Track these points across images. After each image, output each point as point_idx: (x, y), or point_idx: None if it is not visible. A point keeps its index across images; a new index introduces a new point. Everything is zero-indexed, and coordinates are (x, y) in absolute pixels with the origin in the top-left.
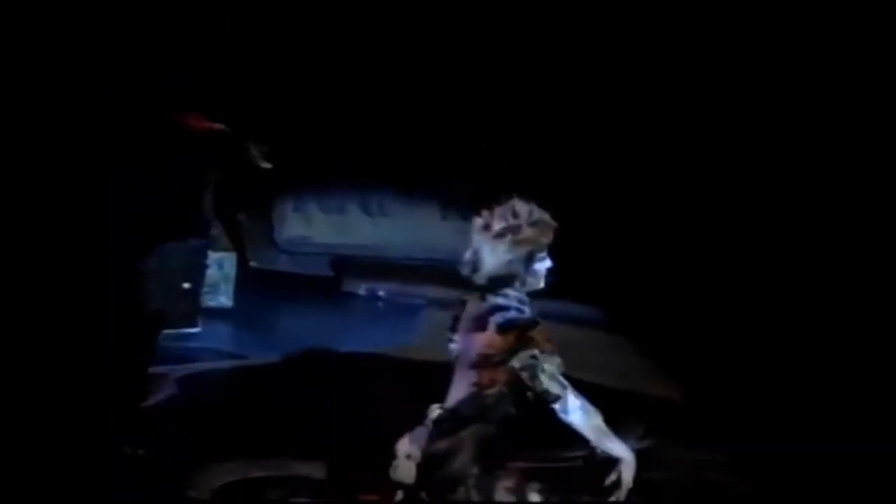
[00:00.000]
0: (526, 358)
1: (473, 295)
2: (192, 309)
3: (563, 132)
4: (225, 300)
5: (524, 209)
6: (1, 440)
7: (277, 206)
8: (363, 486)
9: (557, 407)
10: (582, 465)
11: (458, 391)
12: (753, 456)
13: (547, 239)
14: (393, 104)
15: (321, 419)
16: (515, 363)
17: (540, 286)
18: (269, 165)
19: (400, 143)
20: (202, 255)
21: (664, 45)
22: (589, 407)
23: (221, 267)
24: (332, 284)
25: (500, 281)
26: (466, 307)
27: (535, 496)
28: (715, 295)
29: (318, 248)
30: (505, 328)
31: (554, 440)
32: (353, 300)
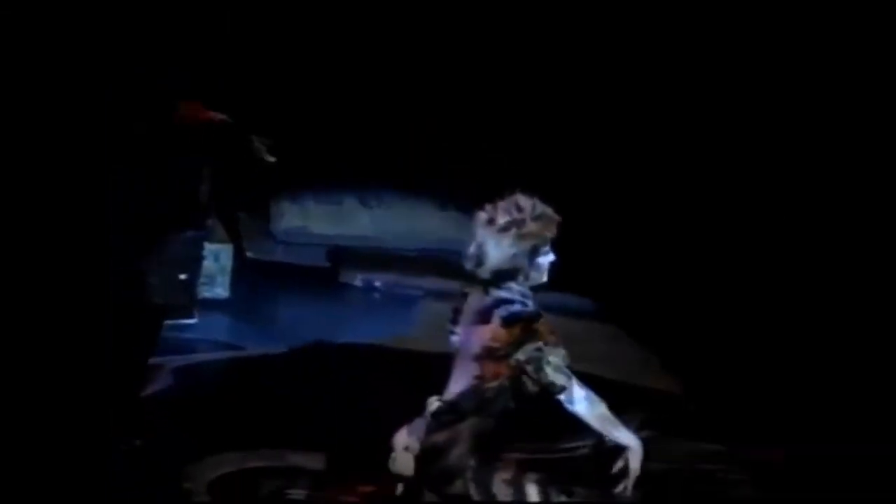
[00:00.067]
0: (531, 350)
1: (475, 287)
2: (188, 300)
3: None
4: (221, 291)
5: (528, 203)
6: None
7: (274, 197)
8: (360, 477)
9: (563, 398)
10: (582, 455)
11: (458, 383)
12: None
13: (550, 233)
14: (391, 97)
15: (318, 410)
16: (521, 356)
17: (543, 280)
18: (272, 159)
19: (397, 134)
20: (199, 246)
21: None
22: (594, 397)
23: (218, 258)
24: (328, 275)
25: (504, 275)
26: (468, 300)
27: (532, 487)
28: (714, 286)
29: (314, 238)
30: (509, 321)
31: (553, 432)
32: (349, 291)
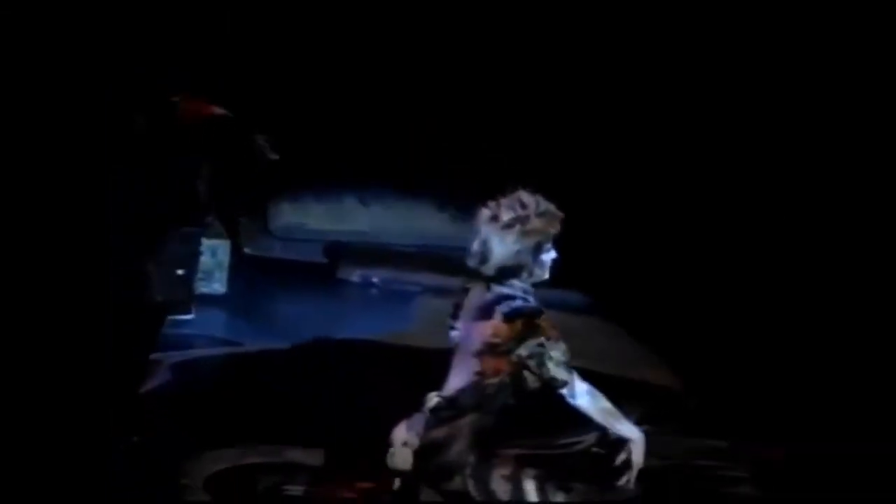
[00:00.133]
0: (533, 346)
1: (477, 283)
2: (186, 296)
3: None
4: (219, 287)
5: (531, 200)
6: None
7: (272, 193)
8: (358, 473)
9: (565, 392)
10: (579, 451)
11: (457, 379)
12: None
13: (554, 229)
14: (391, 95)
15: (315, 406)
16: (522, 351)
17: (545, 277)
18: (276, 156)
19: (396, 131)
20: (196, 242)
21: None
22: (595, 391)
23: (215, 254)
24: (326, 271)
25: (508, 272)
26: (469, 295)
27: (530, 484)
28: (712, 281)
29: (312, 234)
30: (511, 316)
31: (551, 428)
32: (347, 287)
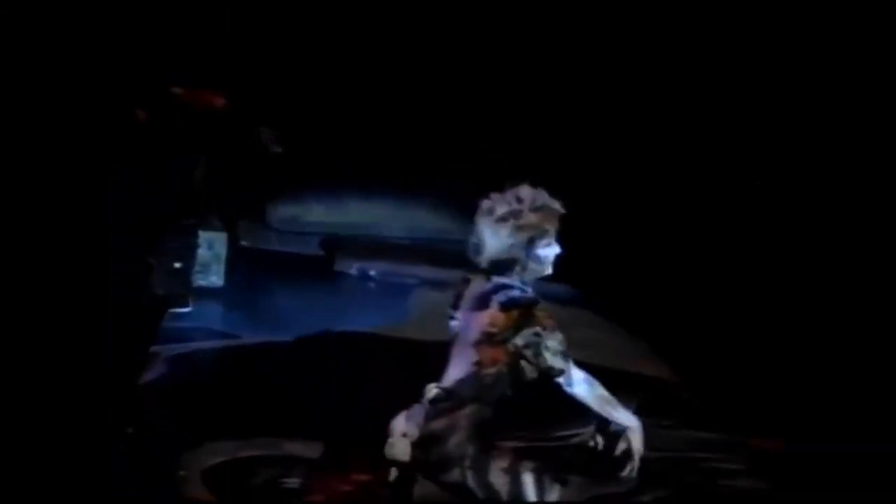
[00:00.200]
0: (529, 335)
1: (478, 273)
2: (183, 289)
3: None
4: (216, 280)
5: (529, 195)
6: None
7: (270, 185)
8: (355, 466)
9: (562, 380)
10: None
11: (456, 370)
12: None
13: (550, 225)
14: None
15: (313, 399)
16: (519, 341)
17: (546, 272)
18: (280, 150)
19: (395, 125)
20: (193, 234)
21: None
22: (591, 379)
23: (212, 246)
24: (323, 264)
25: (501, 265)
26: (470, 285)
27: (528, 476)
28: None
29: (309, 227)
30: (507, 306)
31: (549, 421)
32: (344, 280)
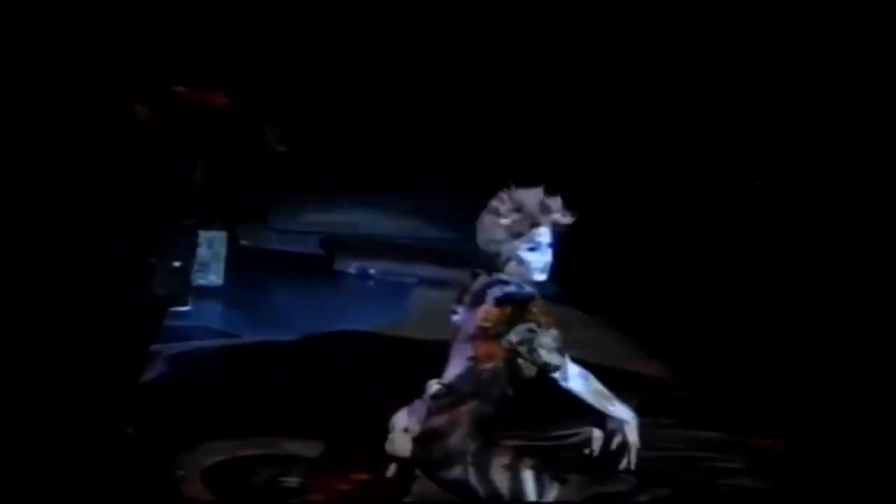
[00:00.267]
0: (523, 331)
1: (485, 270)
2: (182, 288)
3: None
4: (215, 279)
5: (520, 197)
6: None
7: (270, 184)
8: (355, 465)
9: (558, 376)
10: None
11: (455, 365)
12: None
13: (522, 230)
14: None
15: (312, 397)
16: (513, 337)
17: (531, 276)
18: (285, 149)
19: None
20: (193, 233)
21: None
22: (587, 373)
23: (212, 245)
24: (323, 263)
25: (487, 260)
26: (475, 281)
27: (528, 473)
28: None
29: (309, 226)
30: (502, 301)
31: (550, 419)
32: (344, 279)
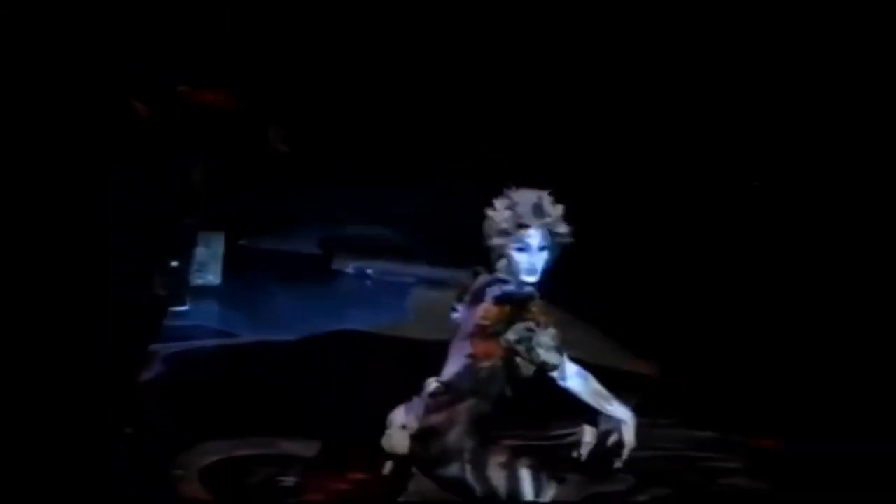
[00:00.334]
0: (521, 330)
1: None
2: (180, 287)
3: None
4: (213, 278)
5: (513, 196)
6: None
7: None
8: (352, 465)
9: (556, 375)
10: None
11: (454, 363)
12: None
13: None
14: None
15: (310, 397)
16: (511, 335)
17: (522, 278)
18: (287, 149)
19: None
20: (192, 233)
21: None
22: (585, 373)
23: (210, 245)
24: (321, 263)
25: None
26: (475, 280)
27: (525, 472)
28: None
29: (307, 226)
30: (500, 299)
31: (548, 418)
32: (341, 279)
